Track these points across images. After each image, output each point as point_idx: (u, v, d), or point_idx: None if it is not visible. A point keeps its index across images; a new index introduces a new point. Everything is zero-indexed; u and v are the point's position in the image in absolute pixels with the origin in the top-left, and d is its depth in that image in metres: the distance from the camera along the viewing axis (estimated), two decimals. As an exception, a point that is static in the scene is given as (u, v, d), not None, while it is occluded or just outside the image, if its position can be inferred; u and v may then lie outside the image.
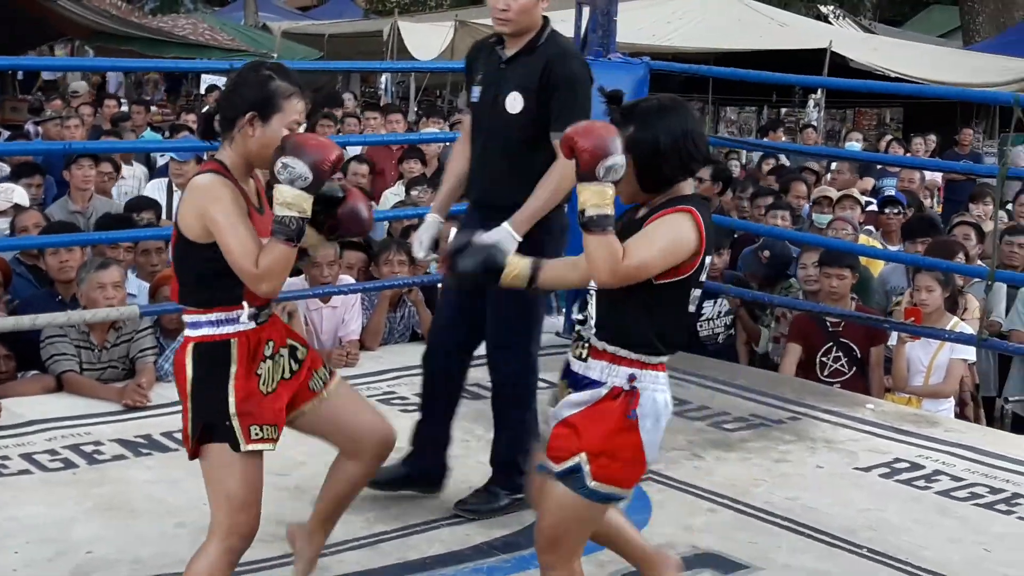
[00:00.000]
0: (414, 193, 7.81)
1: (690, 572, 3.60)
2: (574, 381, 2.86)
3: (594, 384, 2.81)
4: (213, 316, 2.92)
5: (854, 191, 8.32)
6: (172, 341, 5.26)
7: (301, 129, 2.94)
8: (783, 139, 12.80)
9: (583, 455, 2.76)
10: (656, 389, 2.81)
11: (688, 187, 2.85)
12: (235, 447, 2.89)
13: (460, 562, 3.63)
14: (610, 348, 2.79)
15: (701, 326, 6.48)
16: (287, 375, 3.02)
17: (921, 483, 4.42)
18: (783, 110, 19.25)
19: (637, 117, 2.79)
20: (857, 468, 4.60)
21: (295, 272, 5.91)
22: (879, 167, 10.13)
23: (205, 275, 2.90)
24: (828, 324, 5.96)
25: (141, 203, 6.96)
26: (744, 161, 12.58)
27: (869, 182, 9.78)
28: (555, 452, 2.81)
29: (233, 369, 2.89)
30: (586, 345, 2.85)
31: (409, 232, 6.50)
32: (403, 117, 11.10)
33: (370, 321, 5.92)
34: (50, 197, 7.73)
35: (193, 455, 2.96)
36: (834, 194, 8.00)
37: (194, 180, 2.90)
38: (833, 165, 10.26)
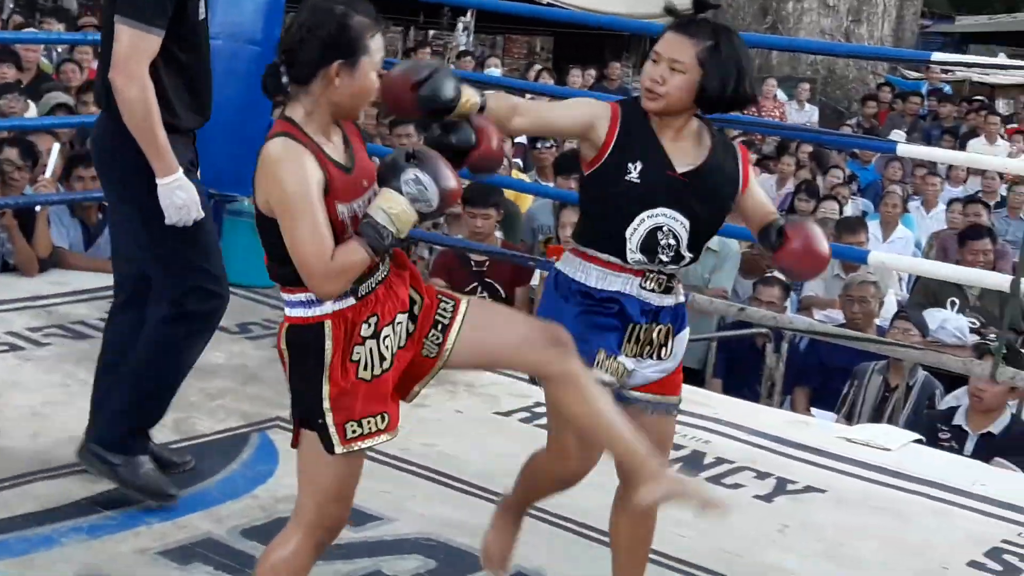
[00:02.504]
0: (3, 102, 7.37)
1: (318, 525, 3.64)
2: (670, 317, 3.09)
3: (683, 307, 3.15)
4: (303, 296, 2.67)
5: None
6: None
7: None
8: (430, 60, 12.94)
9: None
10: None
11: None
12: (329, 449, 2.70)
13: (57, 521, 3.51)
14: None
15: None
16: (403, 343, 2.78)
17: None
18: (431, 32, 19.47)
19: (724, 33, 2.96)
20: (498, 413, 4.77)
21: None
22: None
23: (281, 246, 2.64)
24: (472, 263, 6.12)
25: None
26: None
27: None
28: (679, 386, 3.18)
29: (327, 359, 2.67)
30: (665, 277, 3.04)
31: (1, 147, 6.17)
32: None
33: (-48, 248, 5.59)
34: None
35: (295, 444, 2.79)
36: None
37: (265, 150, 2.61)
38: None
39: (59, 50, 11.00)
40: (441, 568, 3.49)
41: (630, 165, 2.95)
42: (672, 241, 2.97)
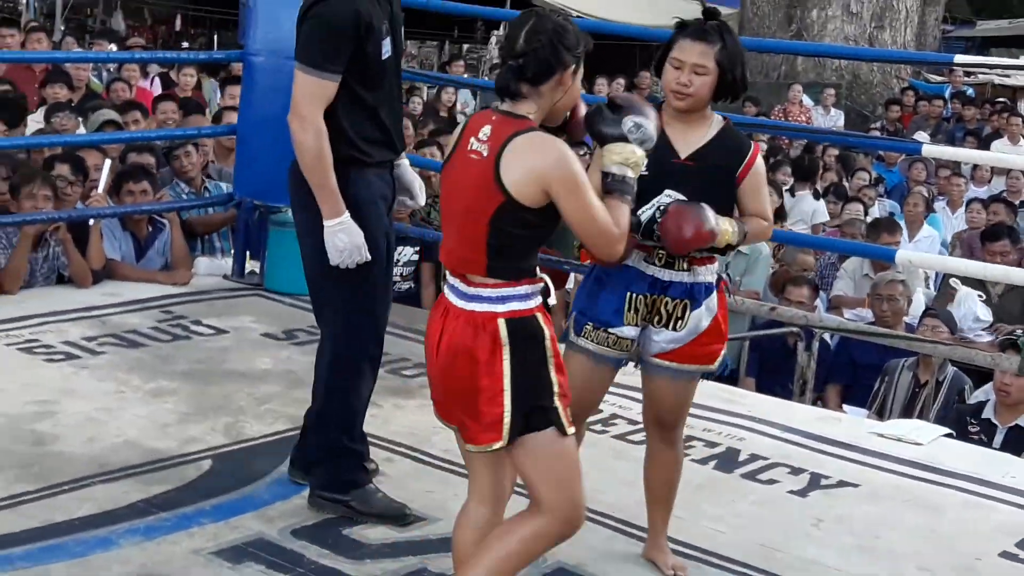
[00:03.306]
0: (55, 120, 7.42)
1: (364, 524, 3.64)
2: (684, 292, 3.31)
3: (710, 287, 3.33)
4: (522, 289, 2.74)
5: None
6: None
7: None
8: (464, 74, 12.99)
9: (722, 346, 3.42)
10: None
11: None
12: (563, 432, 2.76)
13: (114, 523, 3.51)
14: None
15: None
16: None
17: (598, 427, 4.61)
18: (465, 46, 19.50)
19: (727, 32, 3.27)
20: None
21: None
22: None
23: (525, 242, 2.74)
24: (509, 267, 6.11)
25: None
26: (425, 97, 12.70)
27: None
28: (712, 356, 3.38)
29: (549, 347, 2.75)
30: (685, 257, 3.28)
31: (53, 163, 6.21)
32: (47, 36, 10.53)
33: (9, 261, 5.62)
34: None
35: (492, 443, 2.78)
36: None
37: (539, 139, 2.71)
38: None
39: (110, 69, 11.08)
40: (485, 565, 3.47)
41: None
42: None
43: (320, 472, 3.74)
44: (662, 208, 3.21)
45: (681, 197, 3.23)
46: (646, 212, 3.22)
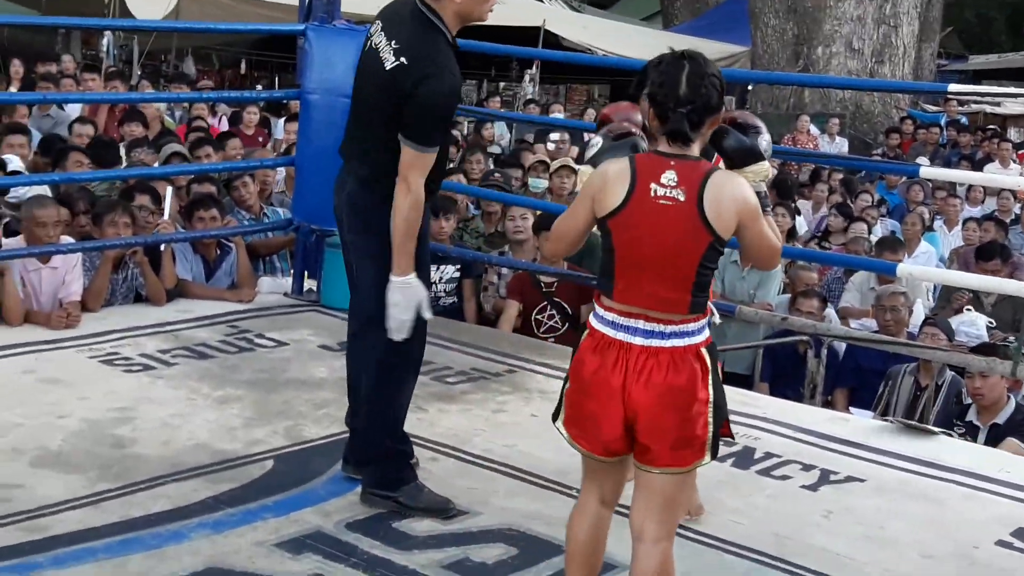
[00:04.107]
0: (134, 155, 7.48)
1: (412, 518, 3.63)
2: None
3: None
4: (707, 318, 2.79)
5: (569, 160, 8.55)
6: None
7: None
8: (500, 108, 13.02)
9: None
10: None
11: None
12: (715, 454, 2.79)
13: (186, 518, 3.52)
14: None
15: (422, 289, 6.51)
16: None
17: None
18: (501, 84, 19.52)
19: None
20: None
21: (10, 232, 5.58)
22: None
23: (711, 275, 2.76)
24: (543, 284, 6.10)
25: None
26: (466, 132, 12.72)
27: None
28: None
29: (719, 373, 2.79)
30: None
31: (132, 193, 6.26)
32: (123, 82, 10.63)
33: (92, 282, 5.65)
34: None
35: (698, 462, 2.77)
36: (551, 161, 8.22)
37: (730, 180, 2.71)
38: (555, 136, 10.50)
39: (184, 108, 11.18)
40: (522, 555, 3.45)
41: None
42: None
43: (370, 471, 3.73)
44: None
45: None
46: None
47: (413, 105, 3.43)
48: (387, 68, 3.48)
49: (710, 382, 2.73)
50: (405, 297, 3.52)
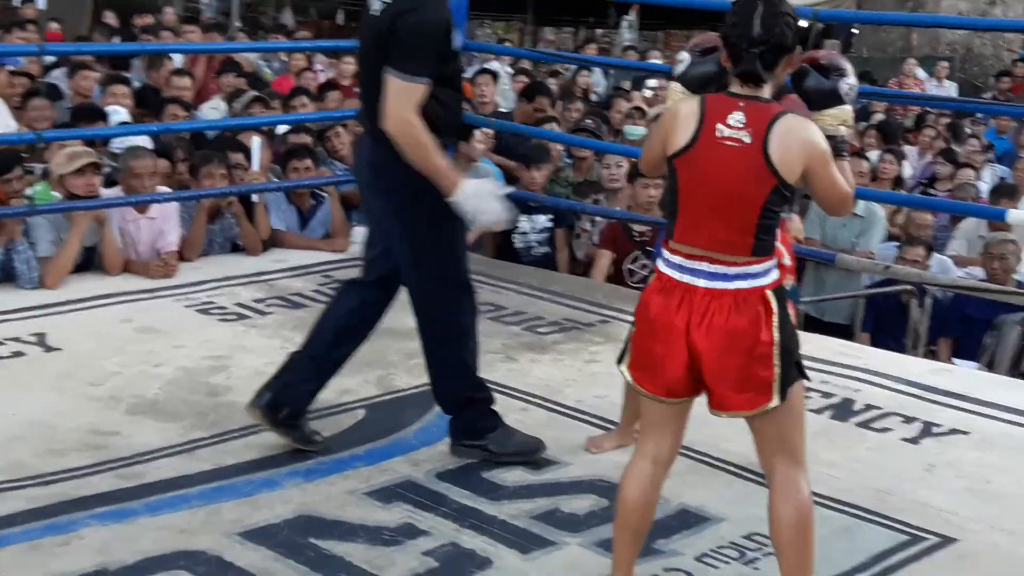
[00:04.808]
0: (236, 106, 7.53)
1: (502, 468, 3.62)
2: None
3: None
4: (775, 260, 2.76)
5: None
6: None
7: None
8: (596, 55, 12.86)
9: None
10: None
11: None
12: (805, 377, 2.79)
13: (277, 466, 3.54)
14: None
15: (515, 238, 6.47)
16: None
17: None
18: (598, 31, 19.31)
19: None
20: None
21: (111, 183, 5.66)
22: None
23: (778, 218, 2.75)
24: (635, 233, 6.02)
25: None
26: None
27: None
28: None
29: (791, 309, 2.80)
30: None
31: (224, 145, 6.30)
32: (221, 34, 10.70)
33: (189, 232, 5.72)
34: None
35: (766, 404, 2.71)
36: (648, 108, 8.11)
37: (799, 123, 2.66)
38: (652, 82, 10.34)
39: (283, 58, 11.22)
40: (612, 506, 3.38)
41: None
42: None
43: (456, 424, 3.71)
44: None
45: None
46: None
47: (395, 36, 3.34)
48: (375, 15, 3.41)
49: (775, 324, 2.68)
50: (477, 202, 3.41)
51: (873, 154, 8.46)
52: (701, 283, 2.69)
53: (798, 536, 2.73)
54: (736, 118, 2.64)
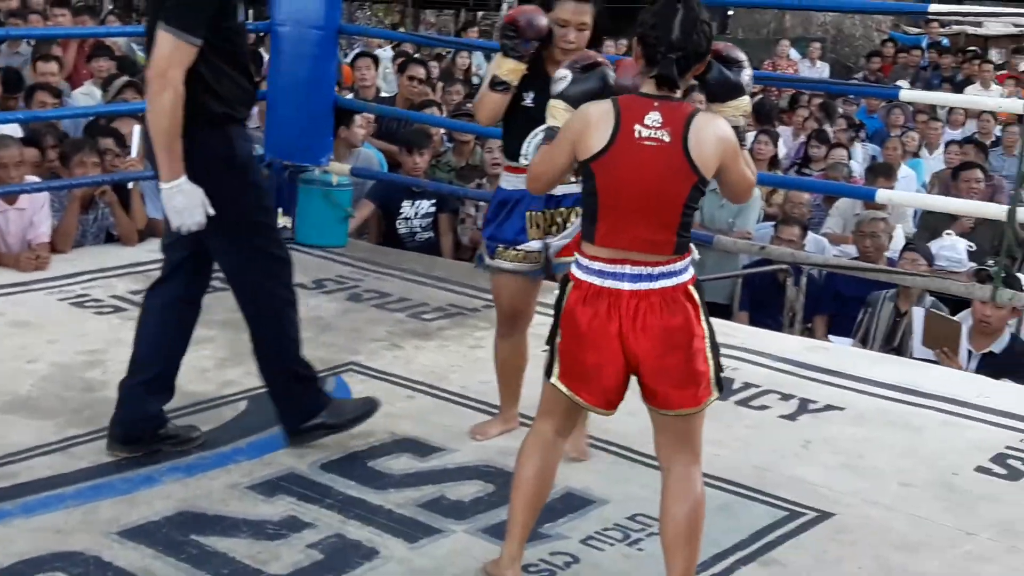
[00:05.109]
0: (109, 92, 7.34)
1: (388, 457, 3.60)
2: (563, 202, 3.52)
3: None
4: (690, 257, 2.75)
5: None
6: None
7: None
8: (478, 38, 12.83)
9: None
10: None
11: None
12: (721, 388, 2.79)
13: (157, 462, 3.47)
14: None
15: (399, 224, 6.44)
16: None
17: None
18: (479, 14, 19.29)
19: None
20: (545, 350, 4.67)
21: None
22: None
23: (693, 215, 2.74)
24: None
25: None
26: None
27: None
28: None
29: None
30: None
31: (95, 132, 6.14)
32: (92, 17, 10.42)
33: (61, 223, 5.56)
34: None
35: (708, 399, 2.75)
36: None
37: (714, 121, 2.69)
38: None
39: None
40: (499, 491, 3.41)
41: (525, 94, 3.52)
42: None
43: (288, 412, 3.60)
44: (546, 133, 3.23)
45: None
46: (536, 138, 3.31)
47: None
48: None
49: (702, 318, 2.72)
50: (184, 200, 3.29)
51: (749, 135, 8.61)
52: (626, 286, 2.68)
53: (690, 530, 2.76)
54: (653, 118, 2.64)
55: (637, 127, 2.64)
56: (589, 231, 2.74)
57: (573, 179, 3.27)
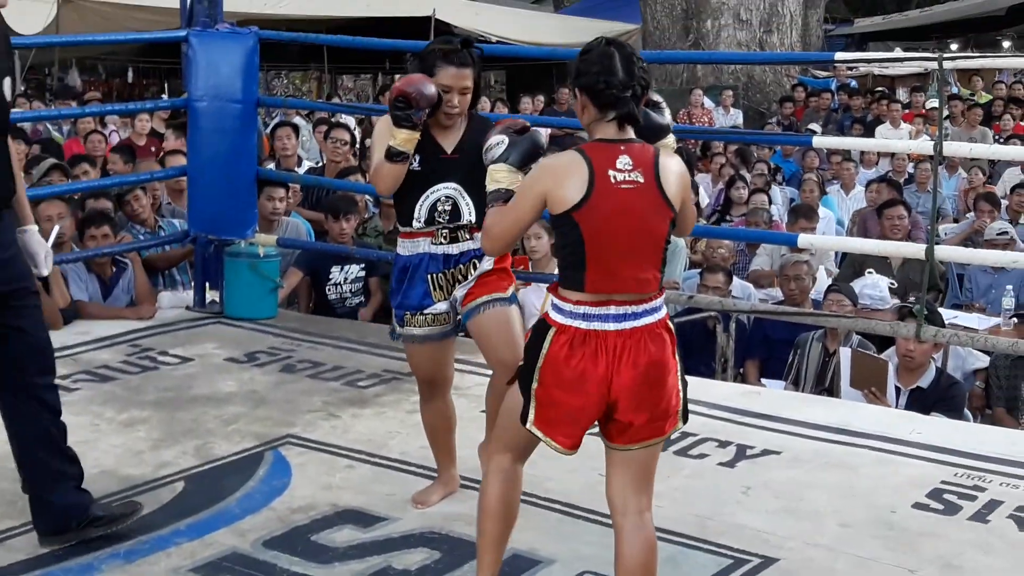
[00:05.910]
0: (34, 175, 7.25)
1: (331, 529, 3.57)
2: (471, 256, 3.57)
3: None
4: (664, 294, 2.85)
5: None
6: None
7: None
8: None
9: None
10: None
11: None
12: (686, 419, 2.90)
13: (94, 551, 3.40)
14: None
15: (329, 290, 6.42)
16: None
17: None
18: (397, 76, 19.33)
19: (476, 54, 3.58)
20: (483, 411, 4.67)
21: None
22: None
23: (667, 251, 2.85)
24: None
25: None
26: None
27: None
28: (501, 287, 3.56)
29: None
30: (449, 232, 3.56)
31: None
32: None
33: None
34: None
35: (674, 429, 2.88)
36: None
37: (671, 155, 2.83)
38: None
39: (72, 122, 10.89)
40: (445, 558, 3.41)
41: (412, 159, 3.52)
42: (448, 206, 3.55)
43: (47, 517, 3.43)
44: (444, 197, 3.55)
45: (456, 185, 3.54)
46: (427, 201, 3.53)
47: None
48: None
49: (676, 351, 2.83)
50: (37, 245, 3.35)
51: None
52: (611, 326, 2.73)
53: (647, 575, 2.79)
54: (624, 161, 2.71)
55: (611, 172, 2.70)
56: (576, 279, 2.76)
57: (468, 236, 3.55)
